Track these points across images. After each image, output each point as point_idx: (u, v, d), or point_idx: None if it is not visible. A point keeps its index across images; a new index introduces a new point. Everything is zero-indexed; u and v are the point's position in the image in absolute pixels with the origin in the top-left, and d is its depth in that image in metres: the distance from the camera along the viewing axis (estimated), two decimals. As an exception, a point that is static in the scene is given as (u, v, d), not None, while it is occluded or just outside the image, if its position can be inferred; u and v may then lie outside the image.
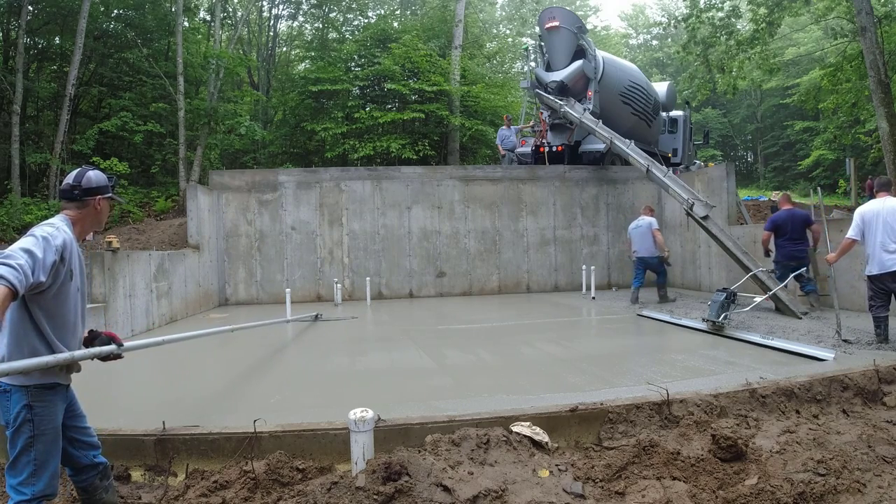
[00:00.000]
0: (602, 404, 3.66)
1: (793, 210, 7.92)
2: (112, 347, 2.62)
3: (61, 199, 2.56)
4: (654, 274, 9.48)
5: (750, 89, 31.47)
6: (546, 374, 4.88)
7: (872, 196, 5.69)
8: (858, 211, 5.51)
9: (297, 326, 8.17)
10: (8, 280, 1.97)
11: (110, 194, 2.64)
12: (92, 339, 2.64)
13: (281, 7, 24.51)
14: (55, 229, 2.33)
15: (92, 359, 2.54)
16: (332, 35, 22.97)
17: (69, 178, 2.56)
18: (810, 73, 24.42)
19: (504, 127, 14.96)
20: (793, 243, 7.68)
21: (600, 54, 13.62)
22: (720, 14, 16.25)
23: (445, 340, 6.69)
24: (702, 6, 16.16)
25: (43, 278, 2.18)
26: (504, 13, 34.08)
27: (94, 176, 2.60)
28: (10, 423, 2.33)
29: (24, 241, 2.19)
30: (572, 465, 3.20)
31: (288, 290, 9.16)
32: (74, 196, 2.52)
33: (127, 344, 2.79)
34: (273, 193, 11.47)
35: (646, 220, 9.33)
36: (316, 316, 8.70)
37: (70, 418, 2.57)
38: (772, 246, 7.99)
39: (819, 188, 7.61)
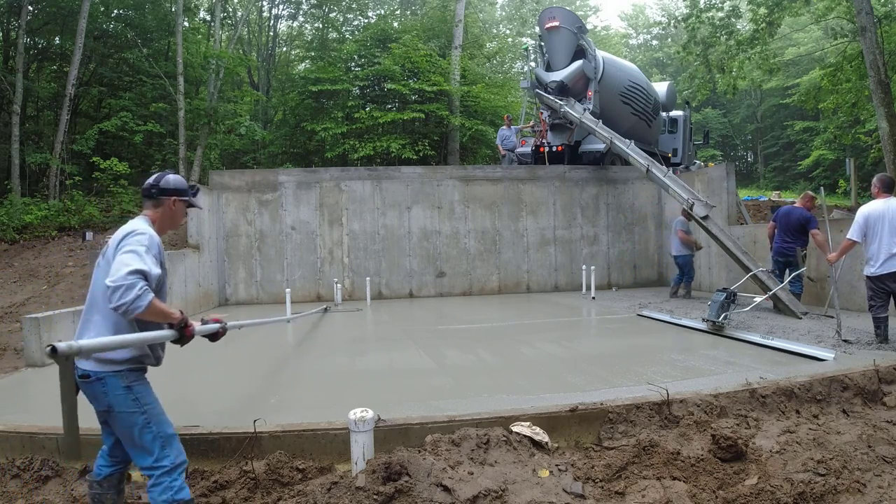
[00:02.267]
0: (602, 404, 3.66)
1: (793, 208, 7.89)
2: (216, 326, 2.82)
3: (143, 198, 2.77)
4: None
5: (750, 89, 31.46)
6: (546, 374, 4.88)
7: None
8: (861, 211, 5.50)
9: (297, 326, 8.17)
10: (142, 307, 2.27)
11: (187, 198, 2.81)
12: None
13: (281, 7, 24.56)
14: (147, 237, 2.50)
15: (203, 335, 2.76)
16: (332, 35, 22.98)
17: (150, 179, 2.79)
18: (810, 73, 24.41)
19: (504, 127, 14.96)
20: (783, 240, 7.76)
21: (600, 54, 13.62)
22: (720, 14, 16.25)
23: (445, 340, 6.69)
24: (702, 6, 16.16)
25: (153, 286, 2.42)
26: (504, 13, 34.08)
27: (173, 179, 2.81)
28: (115, 408, 2.46)
29: (129, 261, 2.34)
30: (572, 465, 3.20)
31: (288, 290, 9.16)
32: (152, 194, 2.73)
33: (230, 324, 3.03)
34: (273, 193, 11.47)
35: (676, 219, 9.70)
36: (325, 308, 9.15)
37: None
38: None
39: (821, 188, 7.61)
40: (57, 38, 17.48)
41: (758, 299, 7.27)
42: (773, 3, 15.15)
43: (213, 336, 2.97)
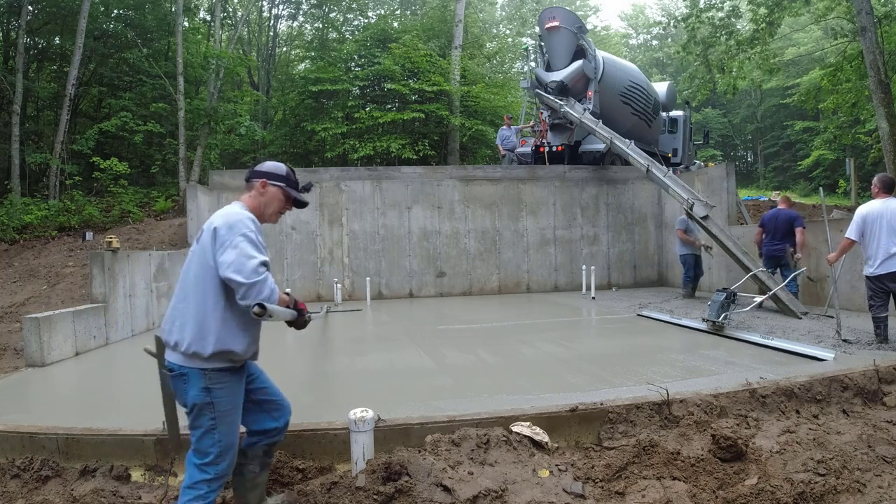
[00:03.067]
0: (602, 404, 3.66)
1: (779, 210, 8.04)
2: (294, 312, 2.60)
3: (246, 181, 2.69)
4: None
5: (750, 89, 31.46)
6: (546, 374, 4.88)
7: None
8: (859, 211, 5.50)
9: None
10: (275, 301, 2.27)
11: (283, 185, 2.63)
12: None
13: (281, 7, 24.54)
14: (251, 220, 2.42)
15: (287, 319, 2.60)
16: (332, 35, 22.97)
17: (257, 165, 2.71)
18: (810, 73, 24.42)
19: (504, 127, 14.95)
20: (772, 242, 7.88)
21: (600, 54, 13.62)
22: (720, 14, 16.26)
23: (445, 340, 6.69)
24: (702, 6, 16.17)
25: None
26: (504, 13, 34.08)
27: (269, 163, 2.71)
28: (190, 405, 2.40)
29: (251, 253, 2.28)
30: (572, 465, 3.20)
31: (288, 289, 9.17)
32: (246, 178, 2.65)
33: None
34: (273, 193, 11.45)
35: (678, 218, 9.68)
36: (326, 309, 9.12)
37: (250, 383, 2.63)
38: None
39: (821, 188, 7.62)
40: (57, 38, 17.49)
41: (758, 299, 7.27)
42: (773, 3, 15.16)
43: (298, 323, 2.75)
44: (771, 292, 7.39)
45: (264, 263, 2.28)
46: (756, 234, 8.29)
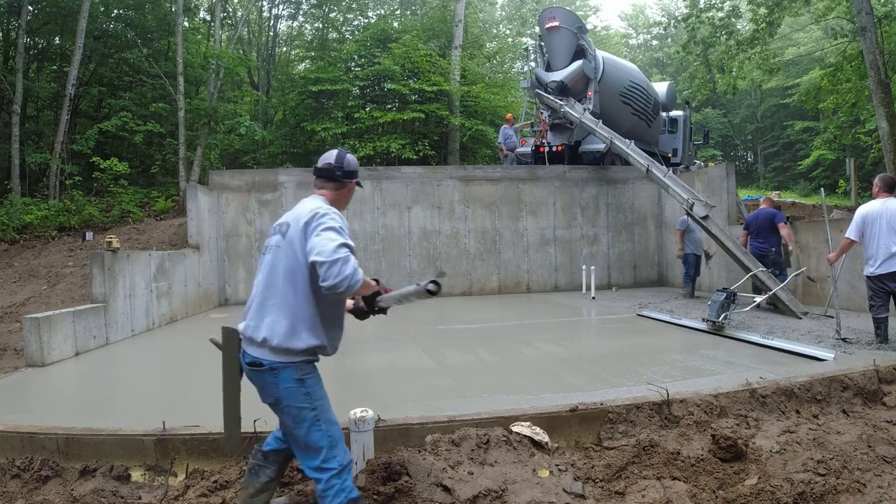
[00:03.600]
0: (602, 404, 3.66)
1: (760, 210, 8.19)
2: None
3: (318, 177, 2.58)
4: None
5: (750, 89, 31.46)
6: (546, 374, 4.88)
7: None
8: (859, 211, 5.50)
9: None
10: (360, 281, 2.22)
11: (357, 180, 2.68)
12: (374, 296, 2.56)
13: (281, 7, 24.55)
14: (338, 214, 2.39)
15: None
16: (332, 35, 22.97)
17: (329, 159, 2.59)
18: (810, 73, 24.42)
19: (506, 126, 14.93)
20: (757, 242, 8.01)
21: (600, 54, 13.62)
22: (720, 14, 16.25)
23: (445, 340, 6.69)
24: (702, 6, 16.16)
25: None
26: (504, 13, 34.08)
27: (352, 159, 2.65)
28: (282, 399, 2.34)
29: (334, 237, 2.25)
30: (572, 465, 3.20)
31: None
32: (336, 177, 2.57)
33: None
34: (273, 193, 11.47)
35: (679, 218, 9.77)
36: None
37: None
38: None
39: (822, 189, 7.63)
40: (57, 38, 17.48)
41: (758, 299, 7.27)
42: (773, 3, 15.15)
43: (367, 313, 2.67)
44: (771, 292, 7.39)
45: (347, 245, 2.24)
46: (742, 236, 8.41)
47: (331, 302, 2.39)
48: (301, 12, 24.41)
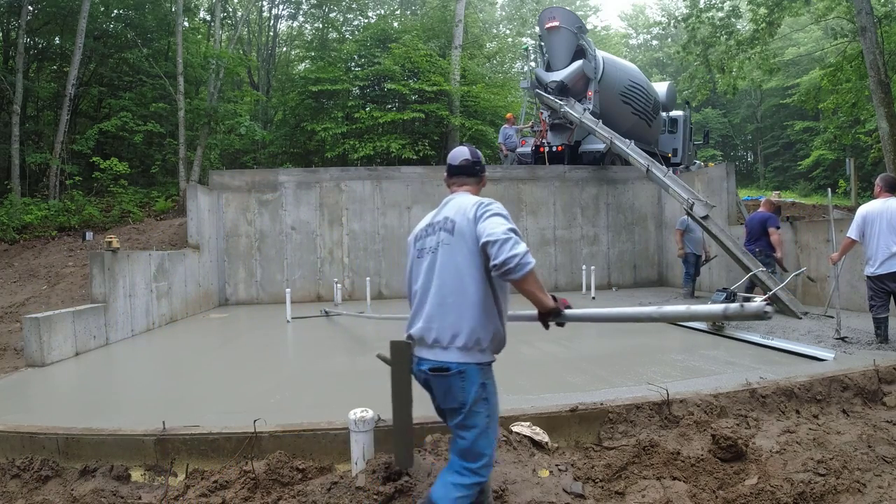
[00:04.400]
0: (602, 404, 3.66)
1: (756, 213, 8.29)
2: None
3: (457, 174, 2.56)
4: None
5: (750, 89, 31.44)
6: (546, 374, 4.88)
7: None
8: (860, 211, 5.49)
9: (296, 326, 8.17)
10: (531, 264, 2.14)
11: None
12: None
13: (281, 7, 24.55)
14: (500, 205, 2.34)
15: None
16: (332, 35, 22.97)
17: (464, 155, 2.57)
18: (810, 73, 24.42)
19: (507, 125, 14.93)
20: (747, 244, 8.11)
21: (600, 54, 13.62)
22: (720, 14, 16.25)
23: (445, 340, 6.68)
24: (702, 6, 16.16)
25: None
26: (504, 13, 34.08)
27: (478, 152, 2.65)
28: (467, 404, 2.23)
29: (503, 222, 2.22)
30: (572, 465, 3.20)
31: (288, 290, 9.16)
32: (476, 171, 2.57)
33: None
34: (273, 193, 11.47)
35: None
36: (326, 312, 9.04)
37: None
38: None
39: (829, 189, 7.62)
40: (57, 38, 17.48)
41: (758, 299, 7.26)
42: (773, 3, 15.15)
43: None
44: (771, 292, 7.39)
45: (515, 231, 2.21)
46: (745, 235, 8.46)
47: (502, 295, 2.33)
48: (301, 12, 24.42)
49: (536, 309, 2.33)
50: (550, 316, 2.31)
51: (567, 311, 2.32)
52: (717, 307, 1.95)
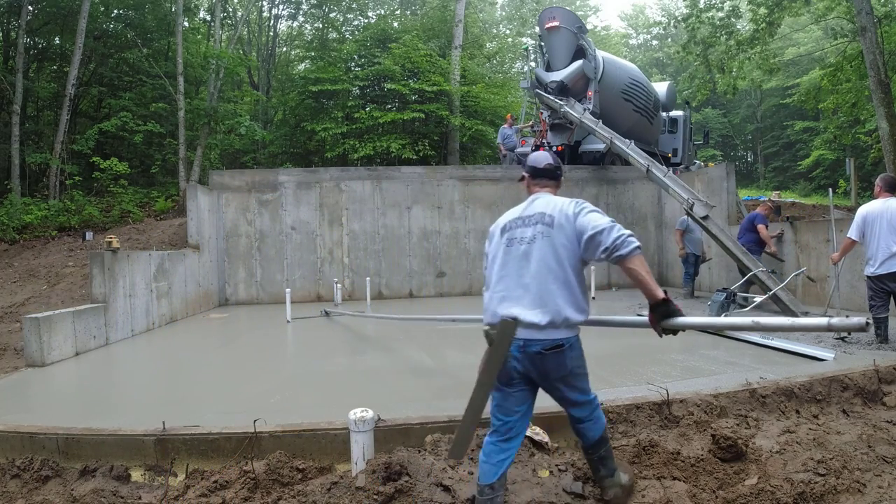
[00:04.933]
0: (602, 404, 3.65)
1: (751, 213, 8.64)
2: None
3: (541, 176, 2.84)
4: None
5: (750, 89, 31.44)
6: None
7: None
8: (860, 211, 5.49)
9: (296, 326, 8.17)
10: (638, 243, 2.42)
11: None
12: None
13: (281, 7, 24.54)
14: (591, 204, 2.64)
15: None
16: (332, 35, 22.97)
17: (547, 160, 2.87)
18: (810, 73, 24.41)
19: (506, 125, 14.94)
20: (738, 239, 8.41)
21: (600, 54, 13.62)
22: (720, 14, 16.26)
23: (445, 340, 6.69)
24: (702, 6, 16.17)
25: None
26: (504, 13, 34.07)
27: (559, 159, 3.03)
28: (574, 371, 2.60)
29: (603, 215, 2.54)
30: (572, 465, 3.20)
31: (288, 290, 9.16)
32: (557, 175, 2.87)
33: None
34: (273, 193, 11.47)
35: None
36: (326, 312, 9.06)
37: None
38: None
39: (830, 189, 7.64)
40: (57, 38, 17.48)
41: (758, 299, 7.27)
42: (773, 3, 15.15)
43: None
44: (771, 292, 7.39)
45: (614, 221, 2.51)
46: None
47: (610, 256, 2.50)
48: (301, 12, 24.42)
49: (648, 300, 2.49)
50: (661, 312, 2.44)
51: (679, 320, 2.44)
52: (822, 320, 2.02)
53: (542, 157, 2.88)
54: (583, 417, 2.72)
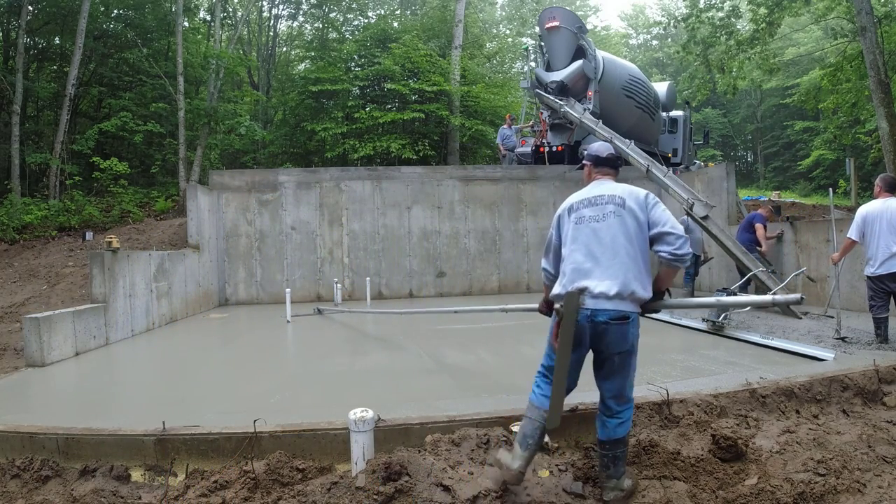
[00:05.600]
0: (602, 404, 3.65)
1: (751, 213, 8.72)
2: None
3: (604, 165, 3.08)
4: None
5: (750, 89, 31.46)
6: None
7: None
8: (860, 211, 5.49)
9: (296, 326, 8.17)
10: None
11: None
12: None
13: (281, 7, 24.55)
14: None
15: None
16: (332, 35, 22.97)
17: (609, 150, 3.12)
18: (810, 73, 24.40)
19: (506, 126, 14.94)
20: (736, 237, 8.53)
21: (600, 54, 13.62)
22: (720, 14, 16.26)
23: (445, 340, 6.69)
24: (702, 6, 16.17)
25: None
26: (504, 13, 34.08)
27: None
28: (633, 349, 2.76)
29: (672, 216, 2.82)
30: (572, 465, 3.20)
31: (288, 289, 9.16)
32: (617, 165, 3.13)
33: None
34: (273, 193, 11.47)
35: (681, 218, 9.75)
36: (318, 310, 9.15)
37: None
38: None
39: (831, 190, 7.63)
40: (57, 38, 17.48)
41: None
42: (773, 3, 15.15)
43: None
44: (771, 292, 7.39)
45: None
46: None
47: (669, 255, 2.73)
48: (301, 12, 24.42)
49: (656, 289, 2.85)
50: (658, 299, 2.88)
51: (660, 304, 2.93)
52: (766, 297, 2.47)
53: (605, 147, 3.11)
54: (615, 411, 2.80)
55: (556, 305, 2.72)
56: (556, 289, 2.86)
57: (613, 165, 3.08)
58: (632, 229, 2.74)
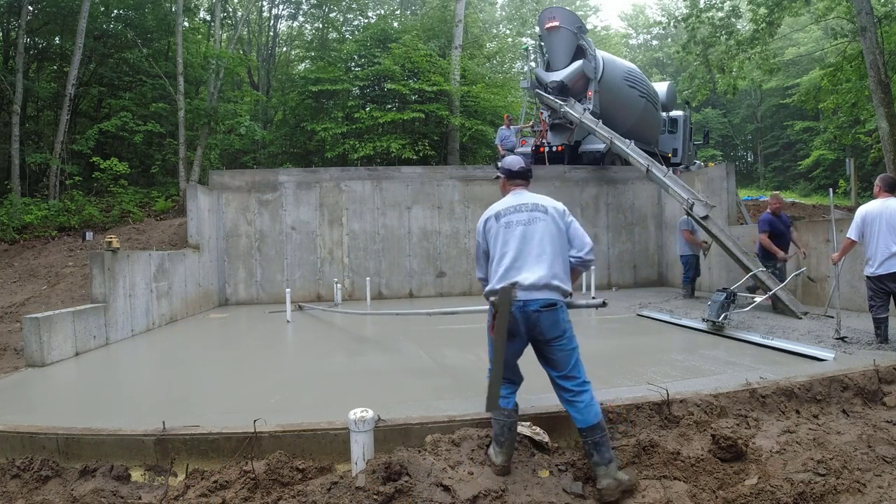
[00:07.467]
0: (602, 404, 3.64)
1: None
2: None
3: (517, 177, 3.55)
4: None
5: (750, 89, 31.46)
6: (546, 374, 4.87)
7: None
8: (859, 211, 5.49)
9: (298, 326, 8.17)
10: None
11: None
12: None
13: (281, 7, 24.55)
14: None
15: None
16: (332, 35, 22.97)
17: (521, 163, 3.59)
18: (810, 73, 24.42)
19: (504, 126, 14.94)
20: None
21: (600, 54, 13.63)
22: (720, 14, 16.27)
23: (445, 340, 6.69)
24: (702, 6, 16.18)
25: None
26: (504, 13, 34.07)
27: None
28: (566, 332, 3.12)
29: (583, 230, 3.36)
30: (572, 465, 3.20)
31: (288, 290, 9.16)
32: (528, 176, 3.62)
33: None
34: (273, 193, 11.47)
35: (682, 219, 9.63)
36: (300, 306, 9.31)
37: None
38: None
39: (831, 190, 7.62)
40: (57, 38, 17.48)
41: (758, 299, 7.27)
42: (773, 3, 15.16)
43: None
44: (771, 292, 7.39)
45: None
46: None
47: (581, 258, 3.27)
48: (301, 12, 24.42)
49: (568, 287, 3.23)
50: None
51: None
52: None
53: (516, 161, 3.56)
54: (572, 390, 3.07)
55: (492, 299, 3.03)
56: (492, 284, 3.15)
57: (525, 177, 3.53)
58: (556, 231, 3.19)
